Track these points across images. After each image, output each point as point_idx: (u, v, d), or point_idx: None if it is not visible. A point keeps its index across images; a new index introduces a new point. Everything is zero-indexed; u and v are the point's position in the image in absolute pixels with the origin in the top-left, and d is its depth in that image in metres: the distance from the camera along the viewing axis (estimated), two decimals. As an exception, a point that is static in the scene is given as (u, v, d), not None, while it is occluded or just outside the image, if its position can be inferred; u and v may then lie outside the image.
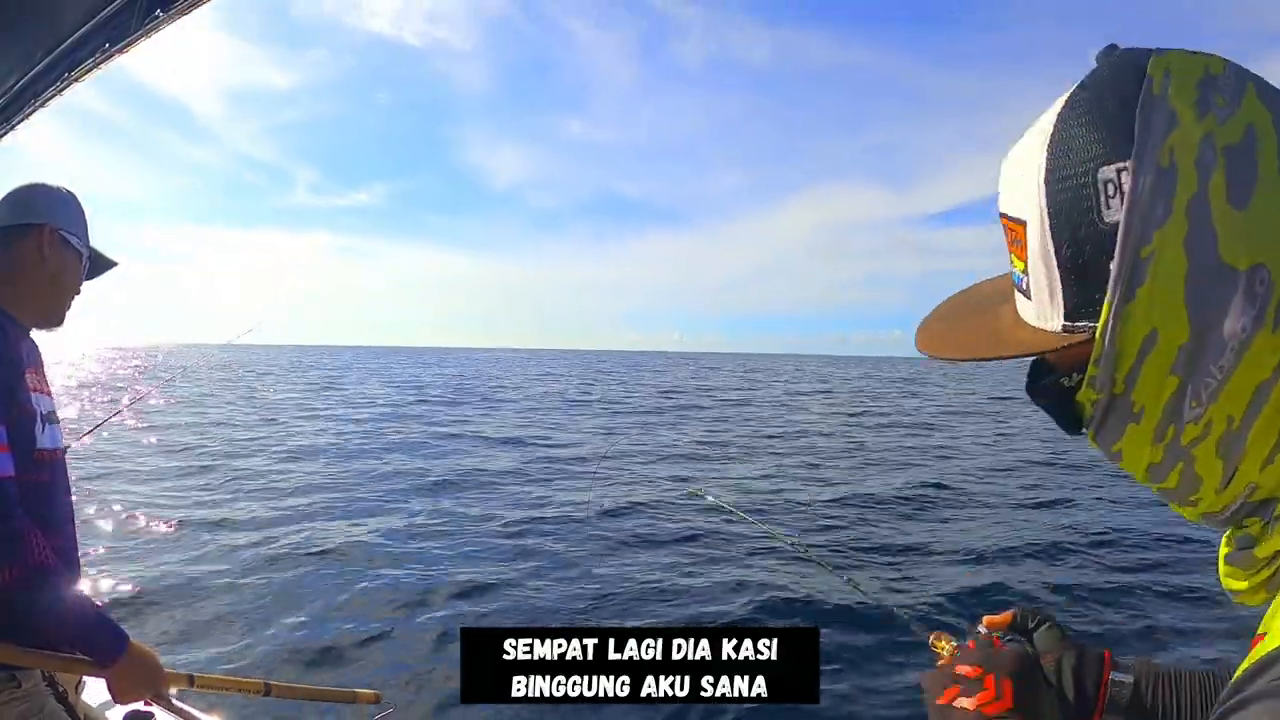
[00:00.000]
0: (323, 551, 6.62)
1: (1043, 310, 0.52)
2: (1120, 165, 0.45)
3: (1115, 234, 0.45)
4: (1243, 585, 0.52)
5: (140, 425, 15.39)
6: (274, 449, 13.24)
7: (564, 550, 6.80)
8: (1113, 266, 0.45)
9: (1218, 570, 0.56)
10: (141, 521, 7.72)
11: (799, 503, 9.30)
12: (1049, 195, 0.48)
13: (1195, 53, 0.46)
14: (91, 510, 7.96)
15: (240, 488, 9.70)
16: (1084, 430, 0.54)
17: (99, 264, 1.68)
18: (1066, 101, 0.49)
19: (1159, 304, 0.44)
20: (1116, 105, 0.46)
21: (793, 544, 1.71)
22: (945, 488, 10.28)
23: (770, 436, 16.72)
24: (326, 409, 21.44)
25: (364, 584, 5.73)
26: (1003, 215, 0.54)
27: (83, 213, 1.60)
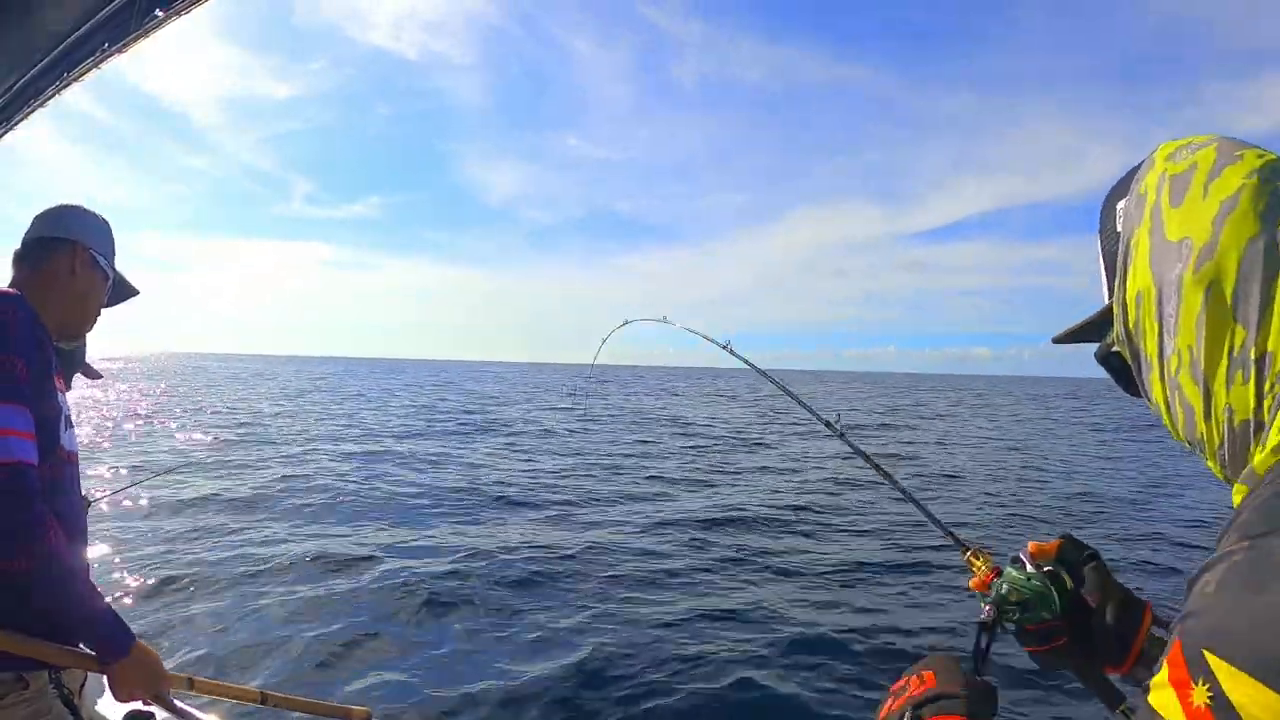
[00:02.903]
0: (329, 564, 6.57)
1: (1106, 296, 0.76)
2: (1125, 198, 0.72)
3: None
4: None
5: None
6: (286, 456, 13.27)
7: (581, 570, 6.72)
8: (1119, 254, 0.71)
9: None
10: (156, 521, 7.80)
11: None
12: (1101, 221, 0.77)
13: (1195, 136, 0.70)
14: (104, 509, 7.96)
15: (254, 494, 9.71)
16: (1139, 393, 0.73)
17: (121, 290, 1.74)
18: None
19: (1139, 272, 0.68)
20: (1134, 168, 0.74)
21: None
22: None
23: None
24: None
25: (367, 596, 5.72)
26: None
27: (113, 238, 1.68)
